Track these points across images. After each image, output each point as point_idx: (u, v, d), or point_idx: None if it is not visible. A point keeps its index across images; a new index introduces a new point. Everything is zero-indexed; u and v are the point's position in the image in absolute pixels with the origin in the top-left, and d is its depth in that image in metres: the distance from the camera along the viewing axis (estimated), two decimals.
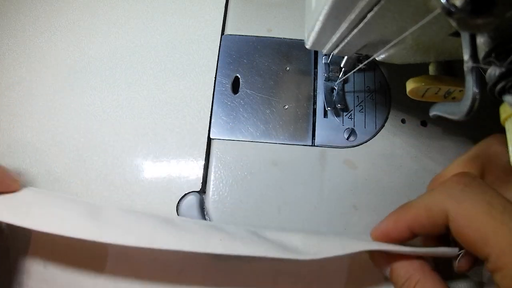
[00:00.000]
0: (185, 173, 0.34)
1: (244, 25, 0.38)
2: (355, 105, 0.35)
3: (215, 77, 0.36)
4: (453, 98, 0.24)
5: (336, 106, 0.35)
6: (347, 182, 0.33)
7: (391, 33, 0.20)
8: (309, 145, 0.34)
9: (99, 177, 0.33)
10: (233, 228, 0.27)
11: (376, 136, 0.34)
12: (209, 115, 0.35)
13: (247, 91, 0.36)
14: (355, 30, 0.21)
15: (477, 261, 0.23)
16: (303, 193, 0.32)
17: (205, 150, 0.34)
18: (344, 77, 0.34)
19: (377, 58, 0.26)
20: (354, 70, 0.31)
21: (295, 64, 0.36)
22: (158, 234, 0.24)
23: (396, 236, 0.23)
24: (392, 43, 0.20)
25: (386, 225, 0.23)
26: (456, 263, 0.23)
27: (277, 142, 0.34)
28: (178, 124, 0.35)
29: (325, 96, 0.35)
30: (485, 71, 0.17)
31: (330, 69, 0.35)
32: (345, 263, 0.28)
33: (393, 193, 0.32)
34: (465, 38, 0.17)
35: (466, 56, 0.17)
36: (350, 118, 0.35)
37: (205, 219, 0.32)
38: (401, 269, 0.23)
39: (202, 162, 0.34)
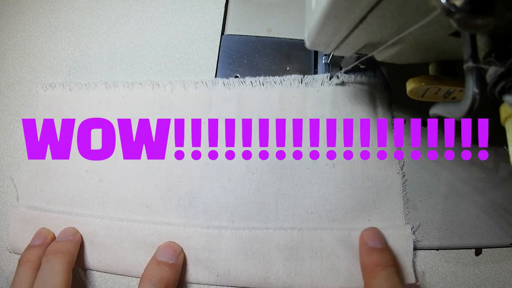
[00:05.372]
0: None
1: (244, 25, 0.38)
2: None
3: (215, 77, 0.36)
4: (453, 98, 0.24)
5: None
6: None
7: (391, 33, 0.20)
8: None
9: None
10: None
11: None
12: None
13: None
14: (355, 30, 0.21)
15: None
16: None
17: None
18: None
19: (377, 59, 0.26)
20: (354, 67, 0.31)
21: (295, 64, 0.36)
22: None
23: None
24: (391, 41, 0.20)
25: None
26: None
27: None
28: None
29: None
30: (485, 71, 0.17)
31: (330, 69, 0.35)
32: None
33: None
34: (465, 38, 0.17)
35: (466, 56, 0.17)
36: None
37: None
38: None
39: None
